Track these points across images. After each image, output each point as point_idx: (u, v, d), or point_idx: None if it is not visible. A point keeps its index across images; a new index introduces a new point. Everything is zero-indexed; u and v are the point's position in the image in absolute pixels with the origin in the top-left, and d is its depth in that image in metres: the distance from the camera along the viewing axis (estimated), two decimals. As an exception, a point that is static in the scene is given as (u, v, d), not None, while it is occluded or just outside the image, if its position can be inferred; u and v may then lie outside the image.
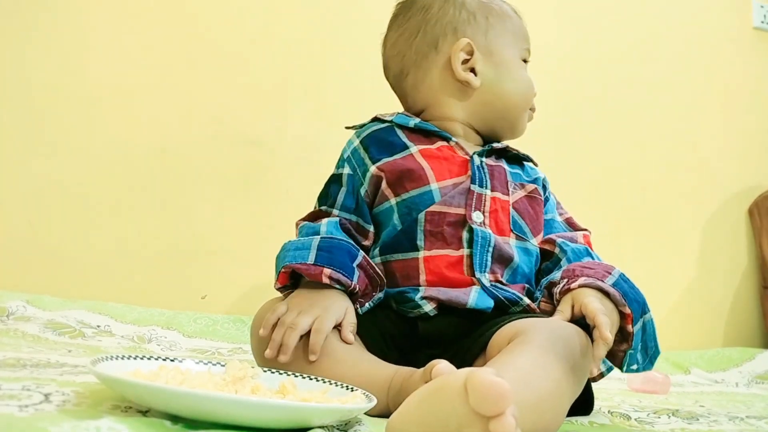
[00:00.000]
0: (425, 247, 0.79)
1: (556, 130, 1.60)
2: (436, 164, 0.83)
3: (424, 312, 0.75)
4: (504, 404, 0.42)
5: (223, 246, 1.32)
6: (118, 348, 0.97)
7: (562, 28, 1.63)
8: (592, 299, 0.69)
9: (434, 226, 0.79)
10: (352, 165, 0.86)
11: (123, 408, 0.48)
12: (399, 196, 0.81)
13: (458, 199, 0.80)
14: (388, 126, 0.88)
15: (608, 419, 0.72)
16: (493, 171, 0.84)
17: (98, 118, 1.28)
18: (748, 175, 1.76)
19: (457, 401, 0.44)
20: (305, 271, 0.74)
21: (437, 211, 0.80)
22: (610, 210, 1.62)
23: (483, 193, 0.81)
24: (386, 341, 0.76)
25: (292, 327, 0.69)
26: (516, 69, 0.90)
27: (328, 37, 1.43)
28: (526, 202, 0.85)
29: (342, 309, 0.72)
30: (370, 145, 0.86)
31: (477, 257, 0.78)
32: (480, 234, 0.78)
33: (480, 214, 0.80)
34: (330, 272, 0.73)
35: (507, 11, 0.92)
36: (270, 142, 1.37)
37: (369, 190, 0.84)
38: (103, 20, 1.30)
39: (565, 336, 0.64)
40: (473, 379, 0.43)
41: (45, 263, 1.22)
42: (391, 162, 0.83)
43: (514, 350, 0.61)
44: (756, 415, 0.85)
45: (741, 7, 1.81)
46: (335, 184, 0.87)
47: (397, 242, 0.80)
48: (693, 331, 1.64)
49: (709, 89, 1.76)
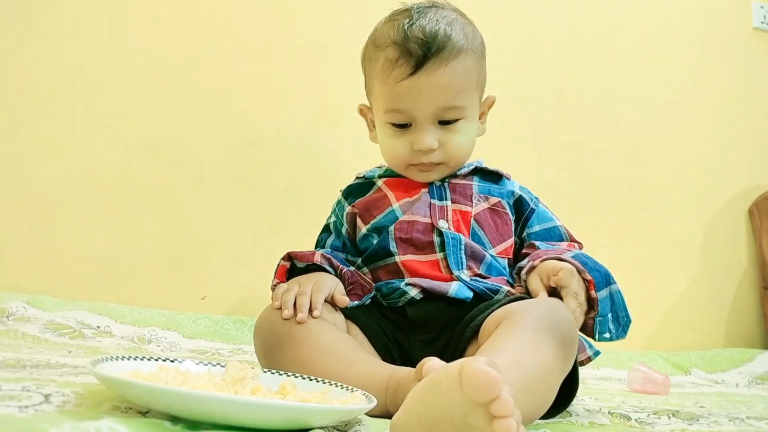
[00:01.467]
0: (399, 253, 0.85)
1: (556, 130, 1.60)
2: (397, 189, 0.91)
3: (411, 297, 0.80)
4: (497, 389, 0.43)
5: (223, 247, 1.32)
6: (118, 349, 0.97)
7: (561, 28, 1.63)
8: (554, 264, 0.76)
9: (404, 233, 0.85)
10: (335, 213, 0.96)
11: (123, 409, 0.48)
12: (369, 223, 0.89)
13: (423, 210, 0.87)
14: (363, 180, 0.96)
15: (608, 420, 0.72)
16: (455, 187, 0.90)
17: (98, 118, 1.28)
18: (748, 175, 1.76)
19: (456, 392, 0.45)
20: (300, 255, 0.85)
21: (405, 221, 0.86)
22: (610, 210, 1.62)
23: (444, 204, 0.88)
24: (386, 335, 0.80)
25: (301, 293, 0.76)
26: (380, 134, 0.91)
27: (329, 37, 1.43)
28: (488, 214, 0.89)
29: (334, 282, 0.80)
30: (348, 195, 0.95)
31: (452, 257, 0.83)
32: (450, 236, 0.84)
33: (445, 222, 0.86)
34: (322, 253, 0.85)
35: (381, 59, 0.86)
36: (271, 143, 1.37)
37: (348, 228, 0.93)
38: (103, 20, 1.30)
39: (552, 313, 0.68)
40: (466, 370, 0.45)
41: (45, 264, 1.22)
42: (362, 200, 0.92)
43: (504, 333, 0.64)
44: (756, 416, 0.85)
45: (741, 7, 1.81)
46: (325, 233, 0.97)
47: (375, 254, 0.87)
48: (693, 332, 1.64)
49: (709, 89, 1.76)
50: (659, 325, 1.63)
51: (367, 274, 0.87)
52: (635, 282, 1.61)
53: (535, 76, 1.60)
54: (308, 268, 0.86)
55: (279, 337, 0.73)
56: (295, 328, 0.72)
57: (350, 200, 0.94)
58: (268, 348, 0.74)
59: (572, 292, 0.74)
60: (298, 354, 0.70)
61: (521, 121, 1.56)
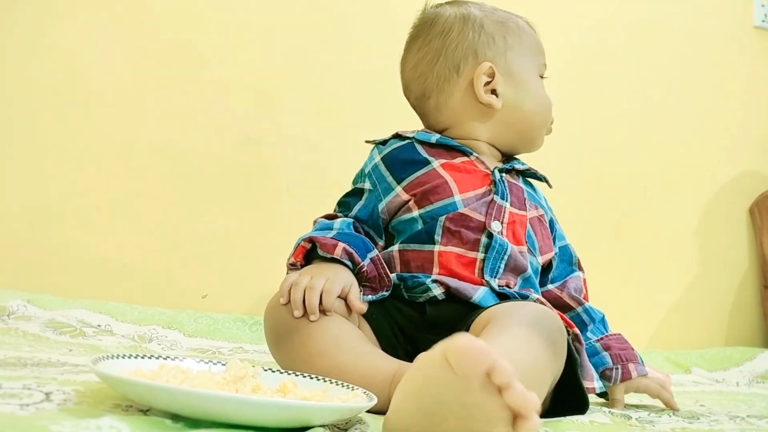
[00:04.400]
0: (441, 242, 0.81)
1: (555, 130, 1.60)
2: (459, 177, 0.85)
3: (433, 295, 0.78)
4: (489, 357, 0.42)
5: (223, 245, 1.32)
6: (118, 347, 0.97)
7: (560, 29, 1.62)
8: (656, 390, 0.87)
9: (454, 225, 0.82)
10: (372, 181, 0.89)
11: (124, 407, 0.48)
12: (423, 208, 0.84)
13: (480, 208, 0.83)
14: (408, 143, 0.90)
15: (609, 418, 0.72)
16: (512, 187, 0.88)
17: (98, 118, 1.28)
18: (749, 174, 1.75)
19: (444, 375, 0.44)
20: (321, 240, 0.78)
21: (459, 213, 0.83)
22: (611, 210, 1.62)
23: (503, 205, 0.85)
24: (395, 333, 0.79)
25: (310, 288, 0.72)
26: (535, 87, 0.93)
27: (329, 37, 1.43)
28: (537, 222, 0.88)
29: (349, 279, 0.76)
30: (392, 164, 0.89)
31: (489, 262, 0.81)
32: (498, 241, 0.81)
33: (499, 224, 0.83)
34: (344, 246, 0.78)
35: (524, 28, 0.94)
36: (270, 142, 1.37)
37: (389, 207, 0.86)
38: (103, 20, 1.30)
39: (542, 316, 0.67)
40: (451, 350, 0.44)
41: (45, 262, 1.22)
42: (416, 181, 0.86)
43: (493, 330, 0.63)
44: (757, 415, 0.85)
45: (742, 6, 1.81)
46: (355, 197, 0.90)
47: (417, 235, 0.83)
48: (694, 331, 1.64)
49: (710, 88, 1.76)
50: (660, 323, 1.63)
51: (395, 253, 0.83)
52: (636, 281, 1.61)
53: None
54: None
55: (287, 327, 0.73)
56: (303, 318, 0.72)
57: (396, 174, 0.87)
58: (278, 335, 0.74)
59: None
60: (305, 345, 0.70)
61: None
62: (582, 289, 0.91)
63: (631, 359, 0.85)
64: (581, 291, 0.91)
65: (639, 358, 0.87)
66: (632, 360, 0.86)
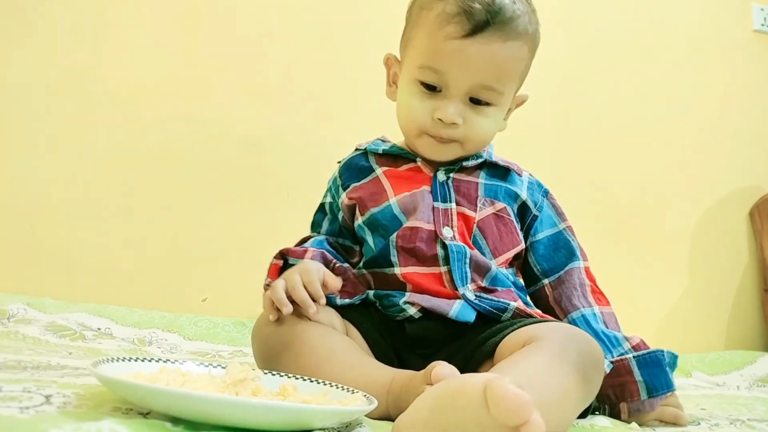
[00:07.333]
0: (400, 264, 0.79)
1: (555, 131, 1.60)
2: (398, 182, 0.84)
3: (409, 315, 0.76)
4: (527, 413, 0.42)
5: (223, 248, 1.32)
6: (118, 350, 0.97)
7: (560, 30, 1.63)
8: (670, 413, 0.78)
9: (406, 242, 0.79)
10: (332, 193, 0.91)
11: (124, 410, 0.48)
12: (364, 215, 0.84)
13: (426, 215, 0.80)
14: (361, 153, 0.90)
15: (609, 422, 0.72)
16: (459, 186, 0.83)
17: (99, 120, 1.28)
18: (749, 177, 1.76)
19: (476, 410, 0.44)
20: (292, 250, 0.80)
21: (408, 227, 0.80)
22: (610, 213, 1.62)
23: (448, 207, 0.81)
24: (385, 340, 0.77)
25: (292, 287, 0.71)
26: (403, 91, 0.83)
27: (329, 39, 1.44)
28: (492, 221, 0.83)
29: (321, 268, 0.75)
30: (343, 174, 0.90)
31: (456, 272, 0.77)
32: (455, 249, 0.78)
33: (450, 229, 0.80)
34: (314, 250, 0.80)
35: (433, 19, 0.78)
36: (271, 145, 1.37)
37: (346, 215, 0.88)
38: (104, 22, 1.31)
39: (580, 344, 0.64)
40: (493, 390, 0.43)
41: (45, 266, 1.22)
42: (358, 187, 0.86)
43: (522, 353, 0.61)
44: (757, 418, 0.85)
45: (741, 9, 1.81)
46: (320, 212, 0.93)
47: (375, 261, 0.82)
48: (694, 334, 1.64)
49: (710, 92, 1.76)
50: (660, 327, 1.62)
51: (366, 274, 0.82)
52: (636, 284, 1.61)
53: (535, 78, 1.60)
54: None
55: (276, 344, 0.71)
56: (292, 334, 0.70)
57: (346, 181, 0.88)
58: (267, 355, 0.72)
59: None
60: (296, 361, 0.68)
61: (521, 122, 1.55)
62: (585, 281, 0.84)
63: (624, 397, 0.76)
64: (584, 285, 0.84)
65: (644, 385, 0.76)
66: (626, 398, 0.76)
